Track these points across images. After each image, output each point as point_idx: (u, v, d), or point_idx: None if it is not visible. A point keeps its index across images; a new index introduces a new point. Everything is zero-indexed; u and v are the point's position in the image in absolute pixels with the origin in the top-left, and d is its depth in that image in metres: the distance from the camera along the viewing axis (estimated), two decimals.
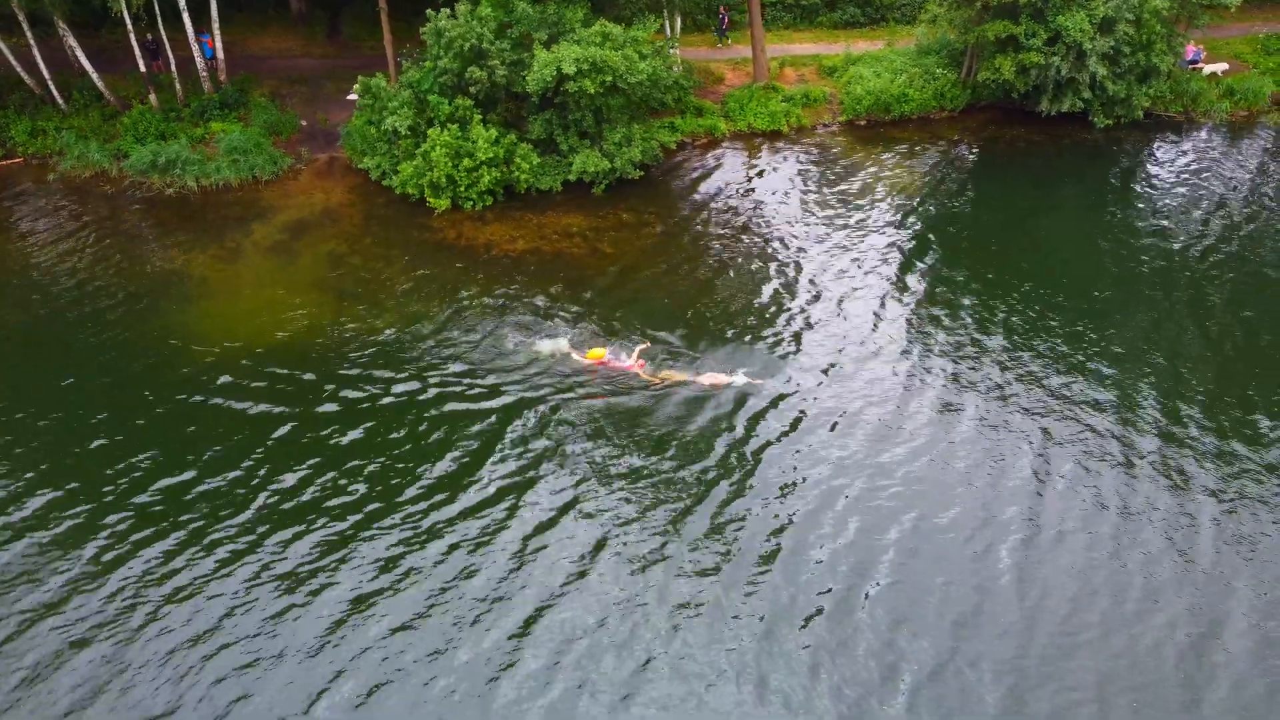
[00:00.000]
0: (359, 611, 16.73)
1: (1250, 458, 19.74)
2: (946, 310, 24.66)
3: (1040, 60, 32.87)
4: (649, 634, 16.14)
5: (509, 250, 27.69)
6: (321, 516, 18.62)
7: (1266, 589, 16.96)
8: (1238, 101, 35.54)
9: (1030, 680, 15.53)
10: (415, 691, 15.38)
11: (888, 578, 17.23)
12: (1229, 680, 15.52)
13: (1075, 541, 17.94)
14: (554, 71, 28.06)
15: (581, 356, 22.46)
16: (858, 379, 22.12)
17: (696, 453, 19.89)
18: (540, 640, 16.12)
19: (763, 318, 24.48)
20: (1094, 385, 21.86)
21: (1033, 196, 30.87)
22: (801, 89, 35.95)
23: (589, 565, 17.50)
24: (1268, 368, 22.44)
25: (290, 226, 29.14)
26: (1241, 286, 25.67)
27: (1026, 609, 16.66)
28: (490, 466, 19.72)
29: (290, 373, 22.52)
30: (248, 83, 35.62)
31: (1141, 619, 16.50)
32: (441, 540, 18.09)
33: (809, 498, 18.84)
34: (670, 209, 29.89)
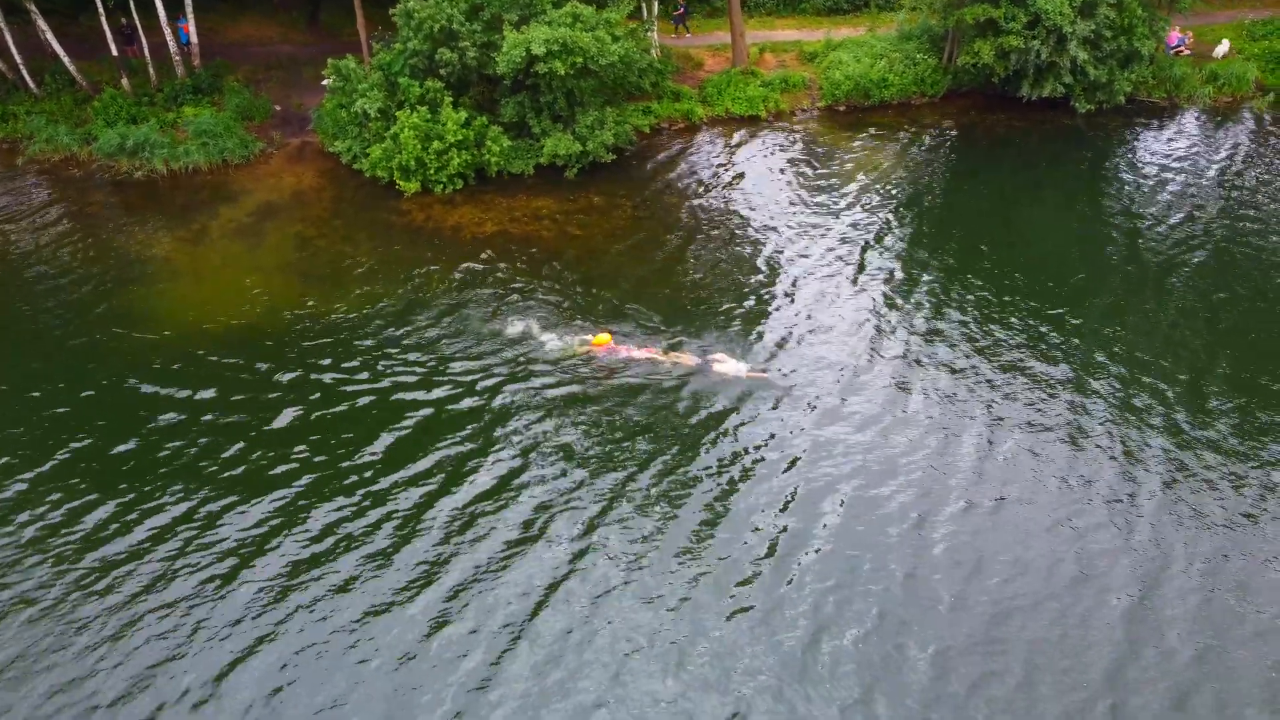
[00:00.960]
0: (301, 589, 16.44)
1: (1199, 435, 19.49)
2: (926, 295, 24.29)
3: (1020, 44, 32.48)
4: (628, 629, 15.82)
5: (477, 233, 27.41)
6: (269, 495, 18.34)
7: (1201, 562, 16.72)
8: (1221, 87, 35.13)
9: (958, 648, 15.33)
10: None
11: (825, 545, 16.95)
12: (1157, 651, 15.31)
13: (1015, 513, 17.71)
14: (523, 52, 27.76)
15: (588, 341, 21.95)
16: (833, 364, 21.73)
17: (672, 439, 19.56)
18: (525, 639, 15.77)
19: (728, 300, 24.17)
20: (1063, 365, 21.56)
21: (1013, 182, 30.54)
22: (780, 74, 35.63)
23: (558, 556, 17.17)
24: (1234, 349, 22.10)
25: (258, 210, 28.88)
26: (1218, 270, 25.29)
27: (960, 578, 16.38)
28: (445, 449, 19.43)
29: (245, 354, 22.27)
30: (222, 68, 35.36)
31: (1075, 588, 16.28)
32: (398, 520, 17.78)
33: (776, 476, 18.57)
34: (642, 193, 29.58)
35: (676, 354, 21.49)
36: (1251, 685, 14.77)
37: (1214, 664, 15.11)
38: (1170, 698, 14.61)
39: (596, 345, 21.92)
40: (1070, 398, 20.54)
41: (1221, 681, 14.84)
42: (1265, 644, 15.38)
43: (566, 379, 21.22)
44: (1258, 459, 18.93)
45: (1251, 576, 16.50)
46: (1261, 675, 14.93)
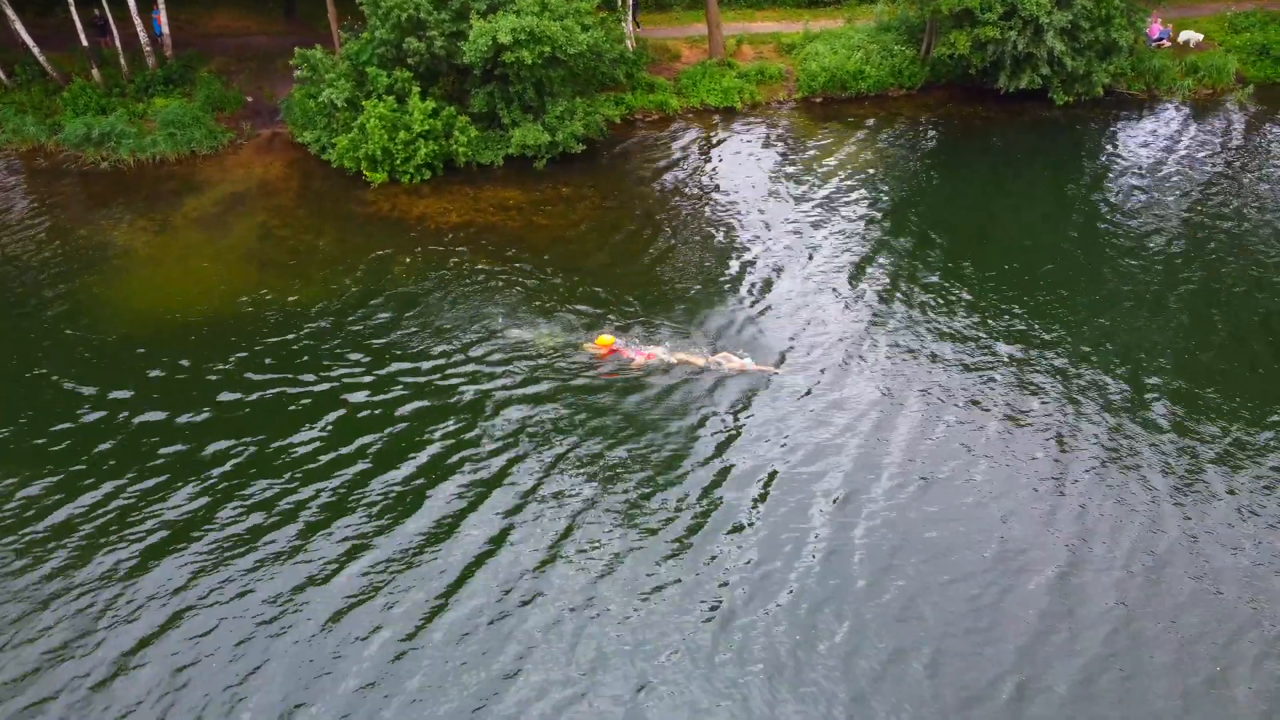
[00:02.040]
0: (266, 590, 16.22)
1: (1141, 417, 19.37)
2: (901, 288, 23.89)
3: (996, 34, 32.20)
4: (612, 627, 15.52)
5: (442, 223, 27.19)
6: (207, 482, 18.10)
7: (1126, 543, 16.61)
8: (1201, 79, 34.80)
9: (870, 625, 15.20)
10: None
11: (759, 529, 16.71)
12: (1069, 629, 15.19)
13: (945, 491, 17.48)
14: (490, 41, 27.53)
15: (590, 344, 21.28)
16: (802, 355, 21.43)
17: (663, 436, 19.20)
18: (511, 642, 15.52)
19: (691, 290, 23.94)
20: (1030, 353, 21.33)
21: (990, 174, 30.24)
22: (756, 65, 35.39)
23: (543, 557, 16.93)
24: (1198, 337, 21.88)
25: (223, 200, 28.67)
26: (1192, 261, 24.98)
27: (886, 556, 16.26)
28: (390, 439, 19.18)
29: (197, 343, 22.05)
30: (195, 59, 35.18)
31: (1000, 564, 16.16)
32: (337, 500, 17.56)
33: (745, 476, 18.29)
34: (610, 183, 29.35)
35: (683, 353, 20.98)
36: (1162, 664, 14.53)
37: (1125, 641, 14.92)
38: (1079, 675, 14.44)
39: (599, 346, 21.12)
40: (1046, 383, 20.31)
41: (1131, 658, 14.64)
42: (1177, 622, 15.24)
43: (527, 369, 20.97)
44: (1192, 442, 18.74)
45: (1174, 557, 16.31)
46: (1171, 654, 14.70)
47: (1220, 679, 14.43)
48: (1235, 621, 15.29)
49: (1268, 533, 16.78)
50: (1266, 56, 35.61)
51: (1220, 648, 14.90)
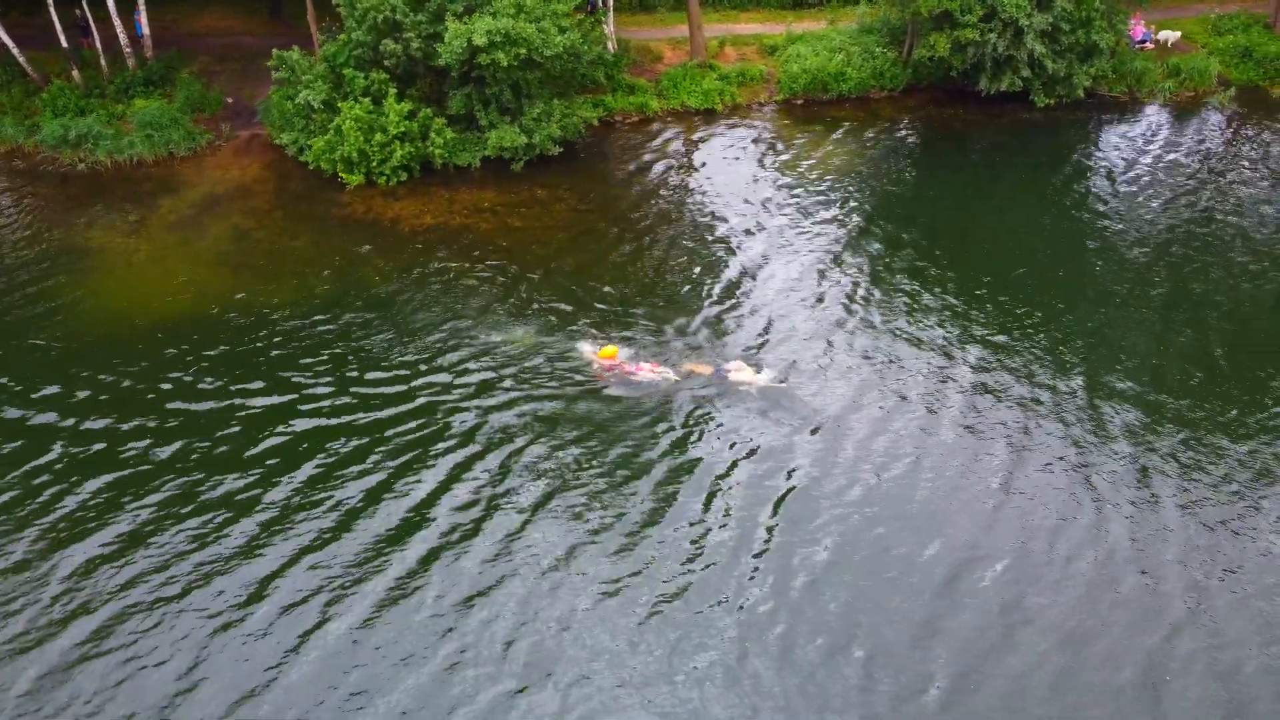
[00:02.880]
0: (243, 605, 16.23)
1: (1104, 419, 19.56)
2: (878, 291, 23.93)
3: (976, 37, 32.15)
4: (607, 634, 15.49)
5: (416, 225, 27.21)
6: (183, 489, 18.14)
7: (1066, 542, 16.78)
8: (1183, 81, 34.74)
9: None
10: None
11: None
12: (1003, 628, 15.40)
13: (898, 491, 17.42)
14: (465, 43, 27.51)
15: (593, 354, 20.93)
16: (780, 359, 21.41)
17: (653, 445, 19.15)
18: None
19: (663, 293, 23.96)
20: (1005, 354, 21.35)
21: (971, 176, 30.20)
22: (738, 67, 35.37)
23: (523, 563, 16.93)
24: (1166, 341, 21.94)
25: (200, 202, 28.69)
26: (1171, 262, 25.03)
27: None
28: (355, 445, 19.19)
29: (166, 345, 22.09)
30: (177, 60, 35.17)
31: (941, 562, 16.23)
32: (305, 511, 17.57)
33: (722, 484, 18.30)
34: (587, 186, 29.34)
35: (691, 364, 20.77)
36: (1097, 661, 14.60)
37: (1059, 639, 15.09)
38: (1014, 672, 14.65)
39: (603, 358, 20.76)
40: (1030, 385, 20.37)
41: (1067, 654, 14.81)
42: (1109, 623, 15.39)
43: (491, 372, 21.01)
44: (1144, 445, 18.89)
45: (1116, 556, 16.49)
46: (1106, 652, 14.82)
47: (1153, 678, 14.47)
48: (1170, 622, 15.38)
49: (1210, 534, 16.82)
50: (1249, 59, 35.56)
51: (1156, 647, 15.02)
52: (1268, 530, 16.99)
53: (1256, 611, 15.61)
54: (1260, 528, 17.05)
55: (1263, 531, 16.97)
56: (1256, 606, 15.69)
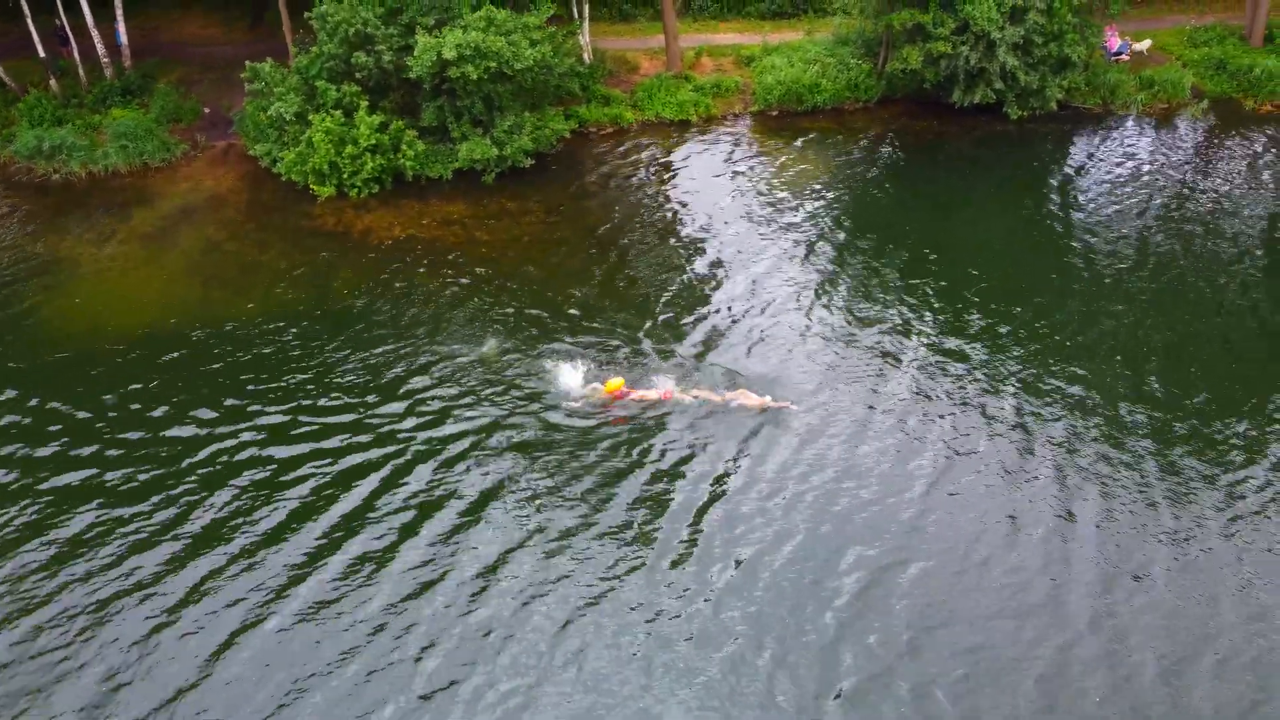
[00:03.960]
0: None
1: (1078, 428, 19.65)
2: (851, 305, 23.99)
3: (948, 50, 32.30)
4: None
5: (385, 237, 27.38)
6: (142, 503, 18.29)
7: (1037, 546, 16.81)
8: (1156, 94, 34.86)
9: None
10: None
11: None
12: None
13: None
14: (434, 57, 27.69)
15: (598, 389, 20.46)
16: (765, 377, 21.46)
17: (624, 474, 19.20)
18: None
19: (626, 307, 24.04)
20: (979, 364, 21.63)
21: (943, 188, 30.22)
22: (713, 78, 35.51)
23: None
24: (1141, 353, 22.12)
25: (172, 213, 28.88)
26: (1144, 272, 25.20)
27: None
28: (320, 456, 19.35)
29: (132, 359, 22.29)
30: (155, 69, 35.38)
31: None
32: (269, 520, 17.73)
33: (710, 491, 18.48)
34: (557, 198, 29.49)
35: (697, 390, 20.50)
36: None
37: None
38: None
39: (609, 392, 20.39)
40: (1003, 391, 20.58)
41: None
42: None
43: (451, 386, 21.16)
44: (1135, 449, 19.16)
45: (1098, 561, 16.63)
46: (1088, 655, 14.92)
47: (1054, 685, 14.75)
48: (1076, 627, 15.61)
49: (1125, 542, 17.03)
50: (1223, 71, 35.68)
51: (1058, 653, 15.35)
52: (1181, 538, 17.20)
53: (1161, 616, 15.87)
54: (1177, 536, 17.29)
55: (1178, 540, 17.18)
56: (1162, 611, 15.96)
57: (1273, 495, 18.11)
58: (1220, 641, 15.49)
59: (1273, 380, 20.95)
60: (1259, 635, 15.58)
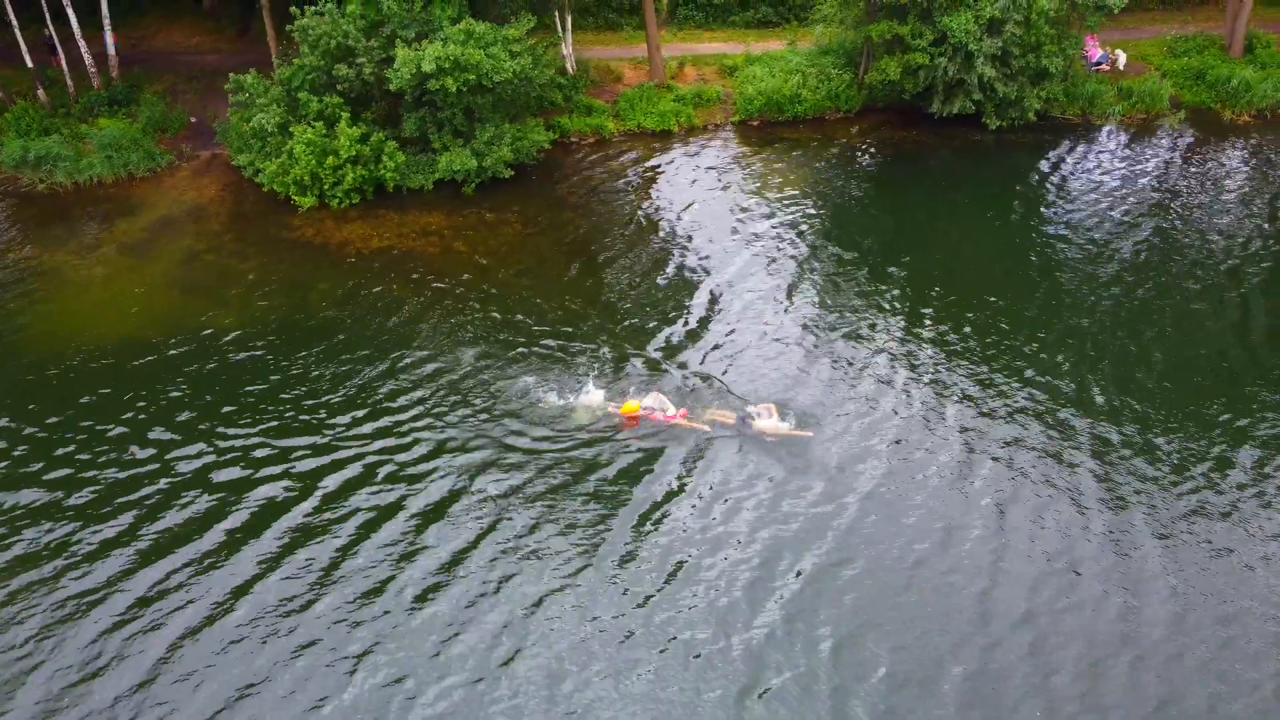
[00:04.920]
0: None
1: (1085, 435, 19.88)
2: (830, 313, 24.36)
3: (926, 61, 32.58)
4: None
5: (362, 248, 27.68)
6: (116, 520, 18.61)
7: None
8: (1135, 104, 35.11)
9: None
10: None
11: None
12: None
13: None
14: (414, 69, 27.99)
15: (615, 410, 20.43)
16: (737, 383, 21.79)
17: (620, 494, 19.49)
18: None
19: (593, 319, 24.30)
20: (956, 372, 21.83)
21: (922, 198, 30.57)
22: (694, 89, 35.79)
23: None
24: (1115, 356, 22.51)
25: (154, 224, 29.20)
26: (1120, 282, 25.59)
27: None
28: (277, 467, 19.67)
29: (106, 369, 22.56)
30: (143, 79, 35.72)
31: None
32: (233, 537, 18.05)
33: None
34: (536, 209, 29.79)
35: (714, 412, 20.45)
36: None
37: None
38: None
39: (625, 414, 20.29)
40: (982, 401, 20.77)
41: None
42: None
43: (416, 395, 21.43)
44: (1125, 451, 19.58)
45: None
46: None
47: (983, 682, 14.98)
48: (1006, 623, 15.84)
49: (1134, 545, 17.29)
50: (1202, 81, 35.92)
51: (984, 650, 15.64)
52: (1112, 542, 17.52)
53: (1083, 618, 16.21)
54: (1108, 540, 17.64)
55: (1108, 544, 17.53)
56: (1084, 613, 16.32)
57: (1200, 503, 18.41)
58: (1140, 643, 15.88)
59: (1249, 398, 21.26)
60: (1178, 636, 15.98)
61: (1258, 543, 17.62)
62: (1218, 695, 15.05)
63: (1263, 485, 18.78)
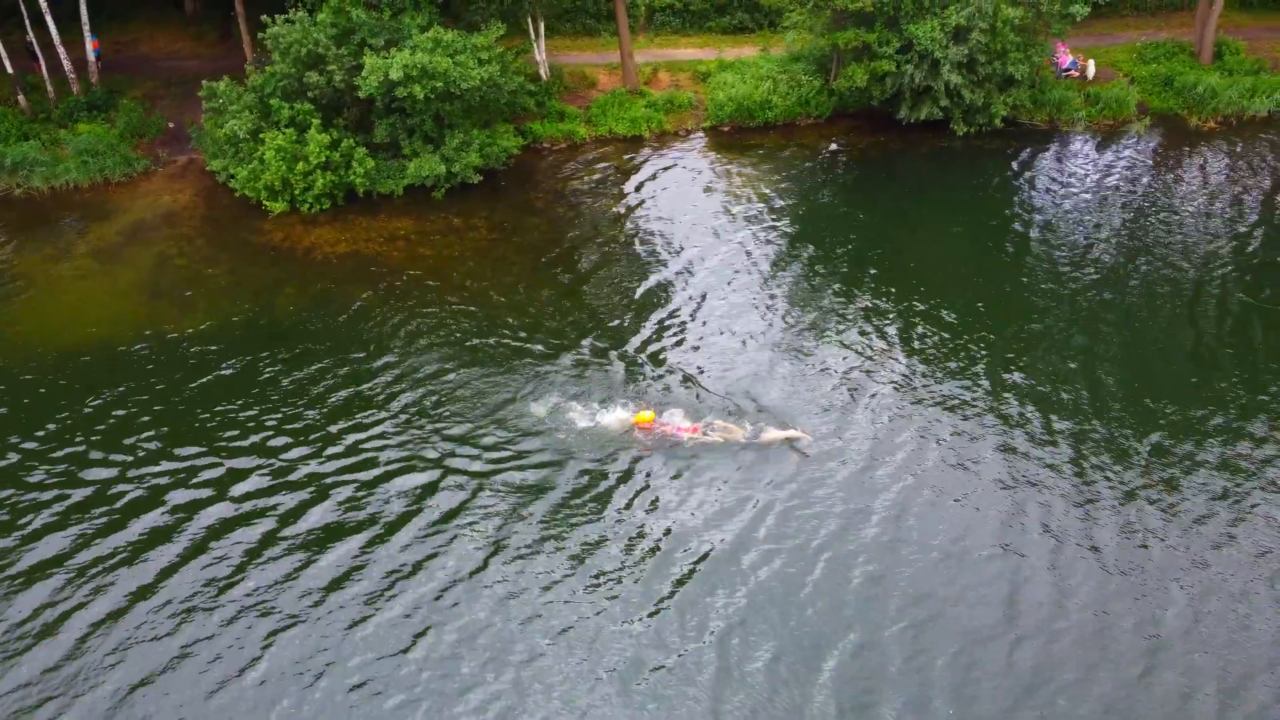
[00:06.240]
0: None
1: (1043, 435, 20.53)
2: (805, 316, 24.83)
3: (892, 69, 32.94)
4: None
5: (329, 253, 28.13)
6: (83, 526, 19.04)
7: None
8: (1102, 110, 35.43)
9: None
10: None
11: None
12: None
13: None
14: (382, 77, 28.44)
15: (629, 419, 20.75)
16: (703, 391, 22.21)
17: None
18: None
19: (557, 325, 24.75)
20: (924, 373, 22.27)
21: (891, 203, 30.93)
22: (666, 95, 36.17)
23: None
24: (1082, 360, 23.08)
25: (127, 228, 29.67)
26: (1088, 284, 26.10)
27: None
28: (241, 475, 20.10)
29: (72, 377, 23.05)
30: (123, 84, 36.18)
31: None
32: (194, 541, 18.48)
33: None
34: (503, 214, 30.21)
35: (725, 425, 20.71)
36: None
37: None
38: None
39: (639, 424, 20.63)
40: (953, 403, 21.23)
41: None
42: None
43: (369, 399, 21.86)
44: (1088, 454, 20.16)
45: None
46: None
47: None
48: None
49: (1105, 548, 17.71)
50: (1169, 88, 36.21)
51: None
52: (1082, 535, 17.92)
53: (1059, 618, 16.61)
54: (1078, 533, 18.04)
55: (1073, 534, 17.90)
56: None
57: (1172, 505, 18.91)
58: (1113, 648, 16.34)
59: (1193, 390, 21.91)
60: (1149, 635, 16.54)
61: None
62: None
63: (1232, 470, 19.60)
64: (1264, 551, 17.98)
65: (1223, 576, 17.53)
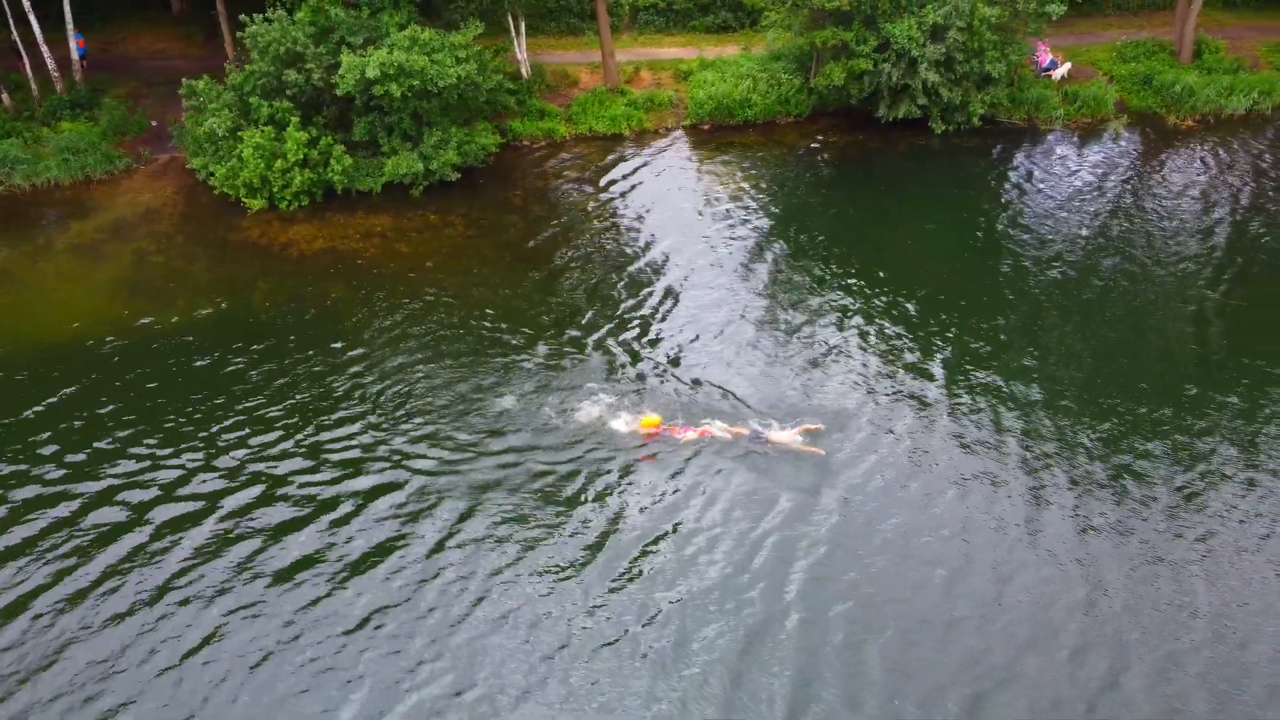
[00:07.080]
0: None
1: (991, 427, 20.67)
2: (784, 313, 24.94)
3: (870, 67, 33.12)
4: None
5: (305, 250, 28.33)
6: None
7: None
8: (1080, 108, 35.58)
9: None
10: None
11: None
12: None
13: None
14: (359, 75, 28.64)
15: (635, 425, 20.63)
16: (679, 392, 22.27)
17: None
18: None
19: (536, 324, 24.91)
20: (903, 373, 22.55)
21: (870, 200, 31.09)
22: (647, 93, 36.34)
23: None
24: (1060, 358, 23.27)
25: (107, 226, 29.87)
26: (1066, 281, 26.32)
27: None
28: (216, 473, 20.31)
29: (47, 374, 23.23)
30: (108, 83, 36.38)
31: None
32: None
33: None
34: (479, 212, 30.40)
35: (730, 427, 20.61)
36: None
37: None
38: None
39: (645, 428, 20.54)
40: (926, 403, 21.31)
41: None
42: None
43: (340, 397, 22.05)
44: (1065, 458, 20.24)
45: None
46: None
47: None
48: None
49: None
50: (1148, 86, 36.37)
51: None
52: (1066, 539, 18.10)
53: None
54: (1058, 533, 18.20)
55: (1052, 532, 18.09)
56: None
57: (1117, 495, 19.15)
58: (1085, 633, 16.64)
59: (1150, 384, 22.15)
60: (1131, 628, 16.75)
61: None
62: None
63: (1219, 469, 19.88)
64: (1204, 535, 18.28)
65: (1164, 562, 17.81)
